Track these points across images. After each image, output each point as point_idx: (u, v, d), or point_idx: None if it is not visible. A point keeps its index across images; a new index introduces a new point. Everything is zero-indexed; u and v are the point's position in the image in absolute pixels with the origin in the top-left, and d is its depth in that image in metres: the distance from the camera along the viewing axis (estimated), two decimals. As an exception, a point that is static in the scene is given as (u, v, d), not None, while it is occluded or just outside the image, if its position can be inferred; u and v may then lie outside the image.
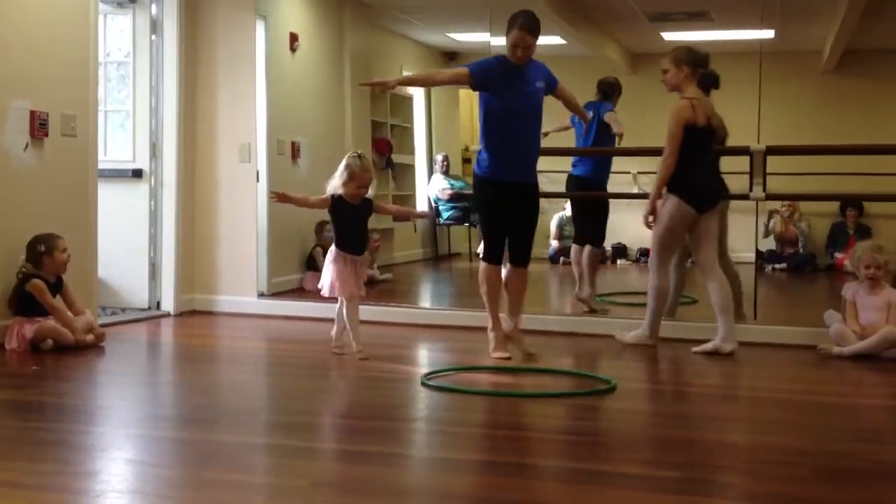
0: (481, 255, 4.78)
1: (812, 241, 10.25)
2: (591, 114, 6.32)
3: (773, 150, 5.64)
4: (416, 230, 9.62)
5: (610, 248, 10.71)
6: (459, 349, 5.13)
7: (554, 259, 10.62)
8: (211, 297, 6.23)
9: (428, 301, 7.31)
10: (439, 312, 6.11)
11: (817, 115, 9.93)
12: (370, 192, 4.68)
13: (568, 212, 10.67)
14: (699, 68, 5.02)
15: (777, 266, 9.89)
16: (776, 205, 10.00)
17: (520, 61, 4.62)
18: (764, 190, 5.55)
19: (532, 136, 4.69)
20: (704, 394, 4.09)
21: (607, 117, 6.37)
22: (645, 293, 5.15)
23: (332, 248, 4.69)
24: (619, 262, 10.63)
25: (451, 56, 10.64)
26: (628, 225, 10.59)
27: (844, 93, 10.02)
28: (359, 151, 4.75)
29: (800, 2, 8.33)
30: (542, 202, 10.12)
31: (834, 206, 10.07)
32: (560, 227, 10.81)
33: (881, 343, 4.75)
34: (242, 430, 3.31)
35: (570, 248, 10.62)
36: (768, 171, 6.43)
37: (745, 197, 5.60)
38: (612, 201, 10.18)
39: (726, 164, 6.74)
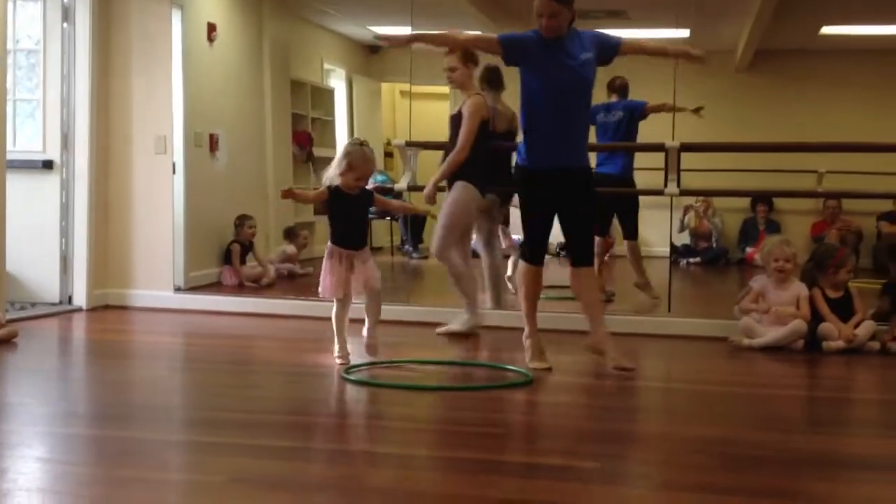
0: (520, 254, 4.38)
1: (725, 236, 10.53)
2: (620, 113, 6.63)
3: (687, 147, 5.76)
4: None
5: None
6: (382, 343, 5.12)
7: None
8: (125, 292, 6.10)
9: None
10: (361, 306, 6.08)
11: (731, 113, 10.17)
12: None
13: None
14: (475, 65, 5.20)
15: (691, 260, 10.12)
16: (691, 200, 10.25)
17: (549, 33, 4.03)
18: (678, 186, 5.66)
19: (578, 115, 4.15)
20: (620, 385, 4.17)
21: (657, 106, 6.62)
22: (562, 286, 5.24)
23: (329, 244, 4.29)
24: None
25: (373, 49, 10.60)
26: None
27: (756, 91, 10.29)
28: (361, 139, 4.34)
29: (714, 3, 8.53)
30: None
31: (745, 201, 10.34)
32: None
33: (790, 336, 4.91)
34: (157, 426, 3.26)
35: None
36: (683, 167, 6.60)
37: (659, 192, 5.72)
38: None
39: (642, 160, 6.91)
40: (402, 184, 5.82)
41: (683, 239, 10.42)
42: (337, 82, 10.00)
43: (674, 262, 9.92)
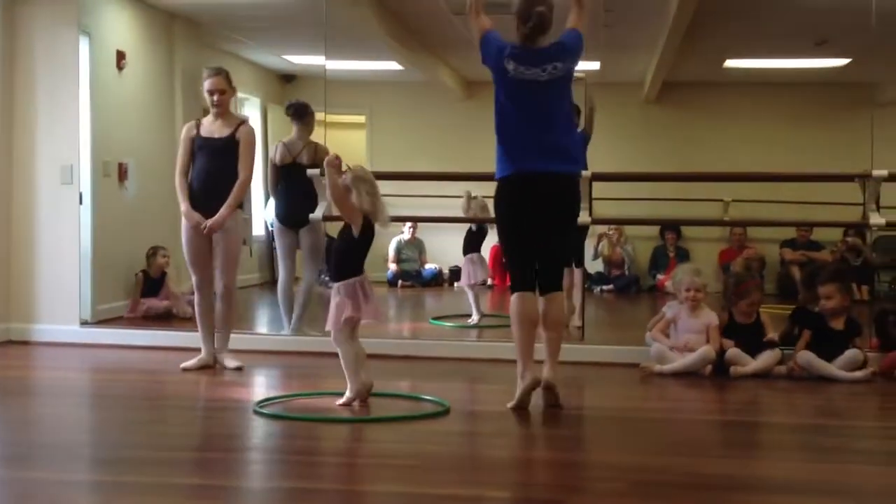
0: (510, 282, 4.07)
1: (636, 264, 10.74)
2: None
3: (598, 177, 5.87)
4: (251, 254, 9.43)
5: (448, 272, 10.88)
6: (296, 375, 5.08)
7: (392, 282, 10.66)
8: (28, 327, 5.89)
9: (265, 327, 7.18)
10: (276, 338, 6.02)
11: (640, 143, 10.42)
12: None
13: (406, 236, 10.77)
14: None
15: (604, 288, 10.29)
16: (604, 228, 10.44)
17: (525, 41, 4.03)
18: (590, 214, 5.76)
19: (550, 114, 4.01)
20: (533, 414, 4.20)
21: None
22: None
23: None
24: (456, 284, 10.77)
25: (288, 79, 10.56)
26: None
27: (665, 122, 10.57)
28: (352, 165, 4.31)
29: (623, 35, 8.74)
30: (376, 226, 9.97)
31: (655, 229, 10.59)
32: (398, 250, 10.88)
33: (699, 362, 5.03)
34: (61, 466, 3.14)
35: (408, 271, 10.74)
36: (595, 196, 6.72)
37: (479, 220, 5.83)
38: (449, 225, 10.36)
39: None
40: (317, 214, 5.78)
41: (597, 267, 10.59)
42: (252, 111, 9.91)
43: (587, 290, 10.08)
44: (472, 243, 7.44)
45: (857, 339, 5.10)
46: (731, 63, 9.58)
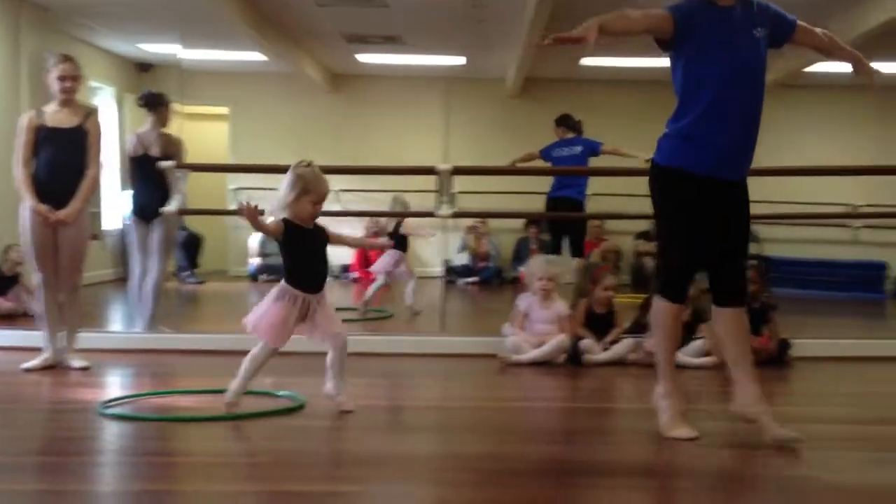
0: (659, 286, 3.55)
1: (501, 257, 10.93)
2: (579, 148, 7.34)
3: (459, 171, 5.92)
4: (104, 248, 9.12)
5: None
6: (147, 374, 4.92)
7: (255, 276, 10.50)
8: None
9: (118, 324, 6.95)
10: (128, 336, 5.83)
11: (504, 138, 10.59)
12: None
13: (269, 229, 10.61)
14: None
15: (469, 280, 10.42)
16: (469, 222, 10.57)
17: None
18: (451, 208, 5.81)
19: (755, 110, 3.39)
20: (393, 406, 4.22)
21: (614, 150, 7.29)
22: (341, 308, 5.23)
23: (282, 283, 3.83)
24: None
25: (143, 67, 10.23)
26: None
27: (527, 117, 10.77)
28: (306, 161, 3.83)
29: (486, 32, 8.86)
30: (241, 219, 9.99)
31: (520, 223, 10.80)
32: (262, 243, 10.71)
33: (554, 351, 5.16)
34: None
35: (270, 265, 10.58)
36: (461, 190, 6.81)
37: (430, 214, 5.84)
38: (341, 219, 10.27)
39: (415, 183, 7.04)
40: (171, 207, 5.63)
41: (462, 259, 10.73)
42: (107, 100, 9.56)
43: (452, 283, 10.20)
44: (399, 243, 7.37)
45: (703, 325, 5.35)
46: (587, 61, 9.85)
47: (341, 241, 4.22)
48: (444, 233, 8.48)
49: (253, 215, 3.65)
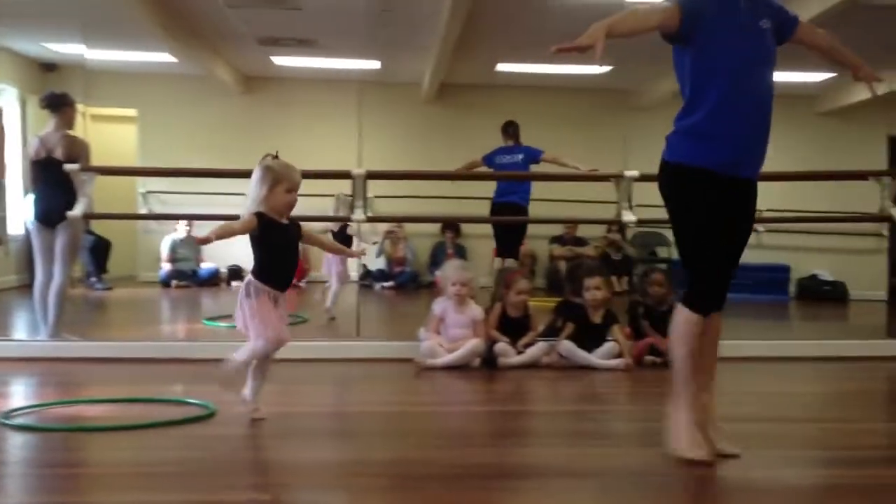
0: (686, 296, 3.26)
1: (418, 261, 10.94)
2: (520, 156, 7.51)
3: (373, 175, 5.90)
4: (7, 253, 8.82)
5: (225, 270, 10.63)
6: (53, 382, 4.77)
7: (166, 282, 10.29)
8: None
9: (22, 332, 6.71)
10: (32, 344, 5.64)
11: (419, 142, 10.63)
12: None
13: (180, 234, 10.42)
14: None
15: (385, 285, 10.39)
16: (386, 227, 10.55)
17: None
18: (365, 213, 5.79)
19: (767, 104, 3.22)
20: (306, 413, 4.17)
21: (554, 158, 7.43)
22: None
23: (249, 279, 3.69)
24: (233, 283, 10.54)
25: (48, 67, 9.93)
26: (244, 246, 10.61)
27: (442, 122, 10.82)
28: (270, 154, 3.72)
29: (400, 36, 8.85)
30: (151, 223, 9.88)
31: (436, 227, 10.83)
32: (173, 248, 10.51)
33: (469, 355, 5.18)
34: None
35: (183, 270, 10.39)
36: (376, 195, 6.76)
37: (346, 219, 5.81)
38: (207, 223, 10.10)
39: (329, 187, 6.99)
40: (76, 211, 5.47)
41: (378, 264, 10.70)
42: (10, 102, 9.25)
43: (369, 287, 10.16)
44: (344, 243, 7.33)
45: (615, 326, 5.44)
46: (502, 67, 9.95)
47: (315, 241, 4.11)
48: (360, 237, 8.43)
49: (206, 240, 3.47)
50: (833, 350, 5.87)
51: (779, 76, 3.20)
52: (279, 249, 3.70)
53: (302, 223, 3.85)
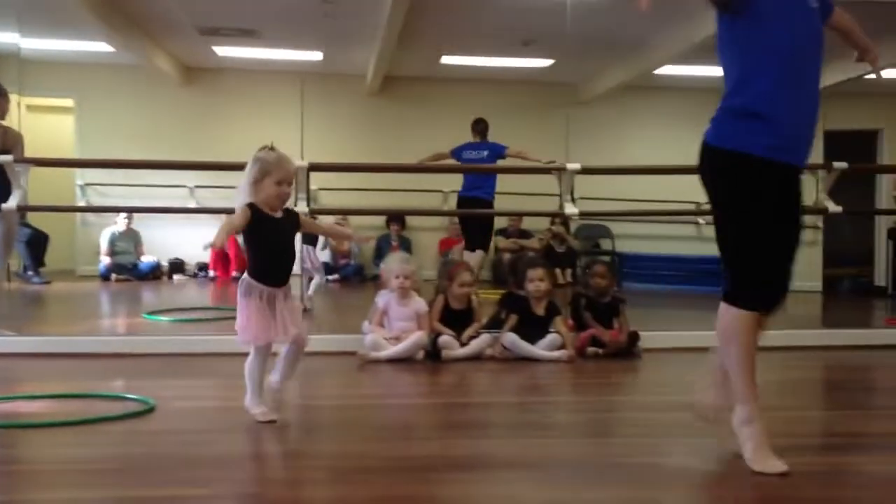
0: (730, 292, 3.05)
1: (362, 254, 10.91)
2: (486, 152, 7.76)
3: (315, 167, 5.86)
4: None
5: (167, 264, 10.49)
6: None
7: (105, 276, 10.12)
8: None
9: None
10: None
11: (363, 134, 10.59)
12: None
13: (120, 227, 10.24)
14: None
15: (330, 278, 10.33)
16: (332, 219, 10.48)
17: None
18: (308, 205, 5.74)
19: (817, 87, 3.01)
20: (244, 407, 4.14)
21: (518, 153, 7.69)
22: (198, 308, 5.11)
23: (244, 277, 3.55)
24: (175, 277, 10.41)
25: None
26: (186, 239, 10.47)
27: (386, 114, 10.80)
28: (267, 145, 3.57)
29: (344, 28, 8.81)
30: (89, 216, 9.70)
31: (381, 220, 10.80)
32: (112, 242, 10.33)
33: (412, 348, 5.18)
34: None
35: (123, 264, 10.21)
36: (320, 186, 6.70)
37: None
38: (168, 216, 9.97)
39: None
40: (10, 203, 5.34)
41: (323, 257, 10.63)
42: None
43: (311, 279, 10.10)
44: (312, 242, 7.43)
45: (558, 318, 5.49)
46: (447, 60, 9.95)
47: (315, 228, 3.90)
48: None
49: (216, 244, 3.31)
50: (770, 340, 5.95)
51: (714, 71, 3.23)
52: (271, 244, 3.53)
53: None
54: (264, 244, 3.51)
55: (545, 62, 9.57)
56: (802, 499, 2.71)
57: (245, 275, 3.55)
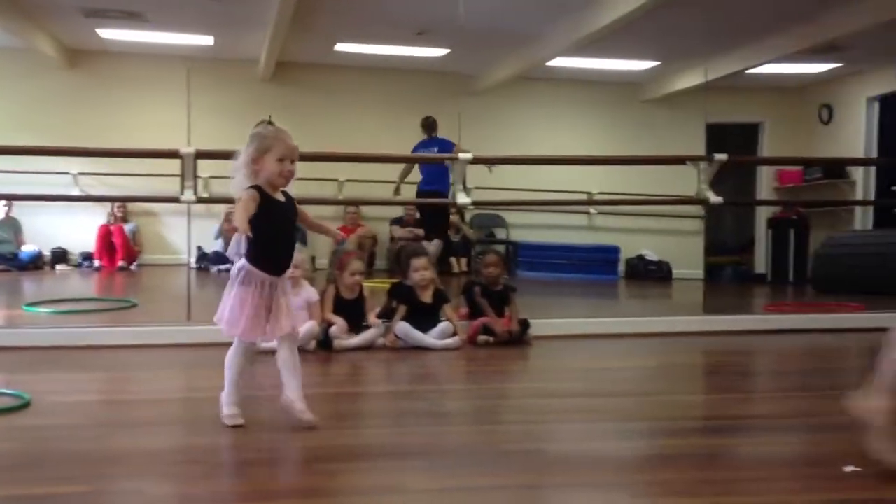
0: None
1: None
2: (435, 149, 7.93)
3: (203, 154, 5.73)
4: None
5: (49, 253, 10.15)
6: None
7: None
8: None
9: None
10: None
11: (255, 121, 10.38)
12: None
13: (-2, 215, 9.83)
14: None
15: (221, 268, 10.13)
16: (225, 208, 10.28)
17: None
18: (195, 193, 5.62)
19: None
20: (132, 400, 4.02)
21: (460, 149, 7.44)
22: (81, 300, 4.95)
23: (242, 263, 3.27)
24: (58, 267, 10.07)
25: None
26: (69, 228, 10.11)
27: (280, 101, 10.61)
28: (264, 120, 3.34)
29: (234, 12, 8.64)
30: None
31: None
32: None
33: (304, 338, 5.10)
34: None
35: (2, 254, 9.81)
36: (212, 175, 6.53)
37: (175, 200, 5.63)
38: (51, 204, 9.62)
39: (161, 166, 6.76)
40: None
41: (216, 246, 10.43)
42: None
43: (206, 270, 9.89)
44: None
45: (447, 306, 5.52)
46: (341, 47, 9.87)
47: (305, 219, 3.57)
48: (194, 220, 8.20)
49: (247, 232, 3.07)
50: (656, 326, 6.16)
51: (604, 64, 3.29)
52: (276, 229, 3.25)
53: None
54: (269, 229, 3.20)
55: (440, 52, 9.59)
56: (683, 480, 2.79)
57: (243, 261, 3.27)
